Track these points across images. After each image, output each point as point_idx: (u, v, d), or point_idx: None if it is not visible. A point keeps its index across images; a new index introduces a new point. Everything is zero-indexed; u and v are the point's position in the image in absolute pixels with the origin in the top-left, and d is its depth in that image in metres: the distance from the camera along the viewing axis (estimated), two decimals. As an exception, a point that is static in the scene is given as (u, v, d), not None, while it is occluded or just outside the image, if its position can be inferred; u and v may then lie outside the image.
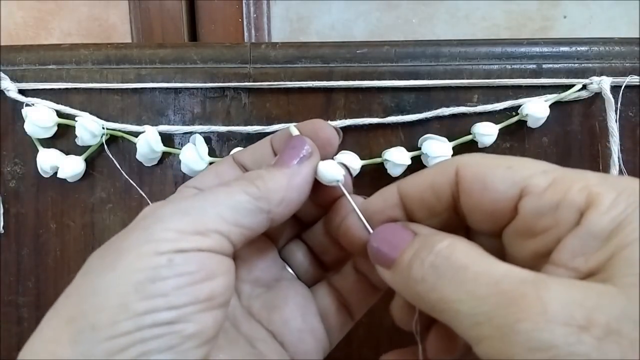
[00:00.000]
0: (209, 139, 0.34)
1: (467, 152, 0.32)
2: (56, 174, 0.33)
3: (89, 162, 0.34)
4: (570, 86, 0.32)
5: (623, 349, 0.13)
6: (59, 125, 0.34)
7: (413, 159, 0.32)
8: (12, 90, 0.33)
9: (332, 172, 0.22)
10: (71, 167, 0.33)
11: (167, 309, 0.17)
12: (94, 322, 0.17)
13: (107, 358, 0.16)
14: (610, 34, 0.34)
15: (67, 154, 0.34)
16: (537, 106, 0.32)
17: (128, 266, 0.17)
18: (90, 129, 0.32)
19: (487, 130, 0.32)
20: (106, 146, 0.33)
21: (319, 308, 0.24)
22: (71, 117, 0.33)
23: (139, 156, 0.33)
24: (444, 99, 0.33)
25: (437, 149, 0.31)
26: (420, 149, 0.32)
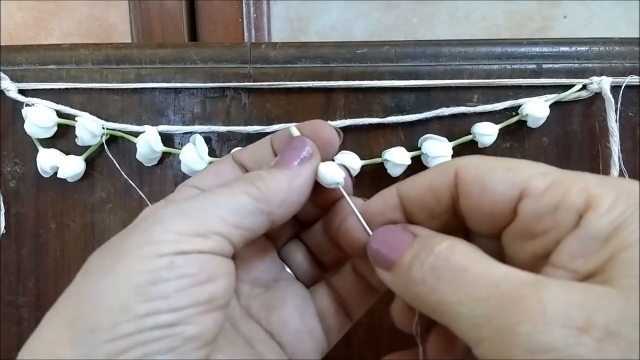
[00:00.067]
0: (209, 139, 0.34)
1: (467, 152, 0.33)
2: (56, 174, 0.33)
3: (89, 162, 0.34)
4: (570, 86, 0.32)
5: (622, 350, 0.13)
6: (59, 125, 0.34)
7: (413, 159, 0.32)
8: (12, 90, 0.33)
9: (332, 174, 0.22)
10: (71, 167, 0.33)
11: (168, 311, 0.17)
12: (94, 324, 0.17)
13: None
14: (610, 34, 0.34)
15: (67, 154, 0.34)
16: (537, 106, 0.32)
17: (129, 268, 0.17)
18: (90, 129, 0.32)
19: (487, 130, 0.32)
20: (106, 146, 0.33)
21: (318, 308, 0.24)
22: (71, 117, 0.33)
23: (139, 156, 0.33)
24: (444, 99, 0.33)
25: (437, 149, 0.31)
26: (420, 149, 0.32)
